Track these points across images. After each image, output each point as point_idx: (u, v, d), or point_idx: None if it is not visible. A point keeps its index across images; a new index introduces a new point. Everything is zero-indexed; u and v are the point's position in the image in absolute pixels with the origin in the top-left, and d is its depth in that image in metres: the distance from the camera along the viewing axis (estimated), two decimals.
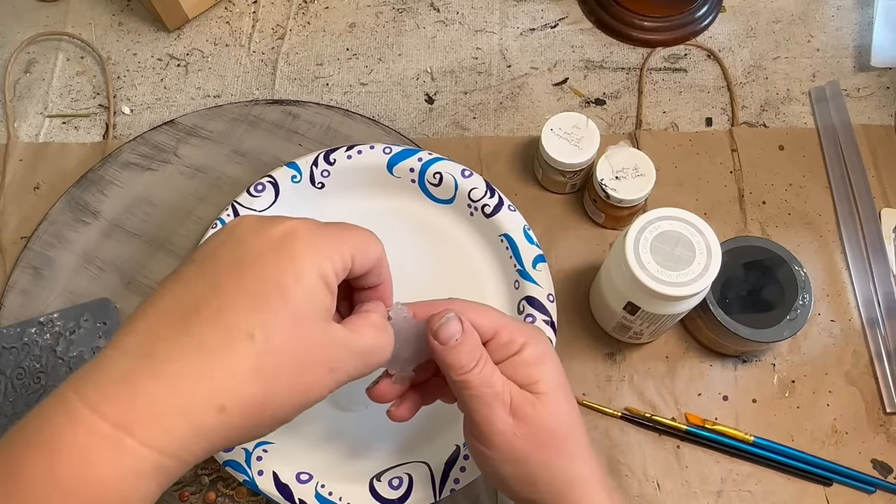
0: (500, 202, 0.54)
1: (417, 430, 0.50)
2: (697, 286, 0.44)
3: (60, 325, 0.54)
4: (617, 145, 0.53)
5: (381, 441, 0.49)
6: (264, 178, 0.54)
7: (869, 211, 0.57)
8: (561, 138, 0.54)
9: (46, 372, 0.52)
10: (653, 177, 0.52)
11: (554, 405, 0.36)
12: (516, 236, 0.53)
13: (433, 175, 0.55)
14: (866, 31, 0.66)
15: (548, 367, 0.37)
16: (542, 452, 0.36)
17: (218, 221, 0.53)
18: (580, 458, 0.37)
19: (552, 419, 0.36)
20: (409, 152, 0.55)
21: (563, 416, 0.37)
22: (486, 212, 0.54)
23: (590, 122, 0.54)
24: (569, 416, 0.37)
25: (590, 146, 0.54)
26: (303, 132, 0.61)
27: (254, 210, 0.54)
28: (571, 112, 0.55)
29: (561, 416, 0.36)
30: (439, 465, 0.48)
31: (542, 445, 0.36)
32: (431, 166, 0.55)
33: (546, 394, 0.36)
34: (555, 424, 0.36)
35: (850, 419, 0.52)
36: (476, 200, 0.54)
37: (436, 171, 0.54)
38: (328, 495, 0.47)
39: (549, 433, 0.36)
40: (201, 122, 0.61)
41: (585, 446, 0.38)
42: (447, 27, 0.67)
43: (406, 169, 0.55)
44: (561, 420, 0.36)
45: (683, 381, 0.54)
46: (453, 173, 0.54)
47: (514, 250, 0.52)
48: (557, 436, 0.36)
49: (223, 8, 0.68)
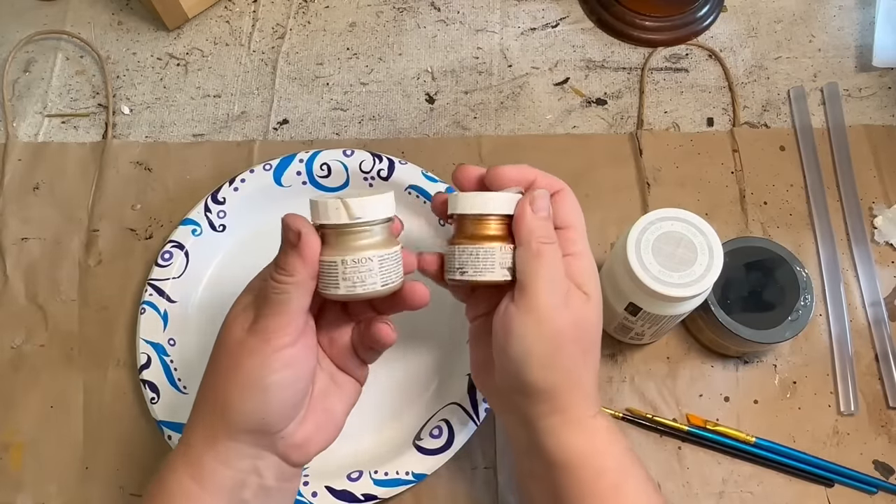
0: (392, 162, 0.56)
1: (425, 383, 0.53)
2: (699, 287, 0.44)
3: None
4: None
5: (406, 409, 0.52)
6: (168, 245, 0.55)
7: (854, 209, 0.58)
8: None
9: None
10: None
11: (595, 311, 0.40)
12: (419, 181, 0.56)
13: (320, 168, 0.57)
14: (868, 30, 0.65)
15: (595, 279, 0.40)
16: (574, 344, 0.38)
17: (144, 305, 0.53)
18: (594, 369, 0.41)
19: (593, 320, 0.40)
20: (287, 160, 0.57)
21: (598, 325, 0.40)
22: (382, 175, 0.56)
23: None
24: (599, 328, 0.40)
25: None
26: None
27: (170, 279, 0.54)
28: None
29: (597, 324, 0.40)
30: (463, 397, 0.51)
31: (578, 338, 0.39)
32: (315, 161, 0.57)
33: (593, 298, 0.39)
34: (592, 327, 0.40)
35: (852, 420, 0.52)
36: (368, 171, 0.57)
37: (321, 164, 0.57)
38: (387, 476, 0.49)
39: (585, 330, 0.39)
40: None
41: (597, 364, 0.41)
42: (448, 27, 0.67)
43: (293, 174, 0.57)
44: (596, 326, 0.40)
45: (685, 382, 0.53)
46: (336, 158, 0.57)
47: (423, 195, 0.56)
48: (589, 336, 0.40)
49: (223, 7, 0.68)
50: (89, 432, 0.53)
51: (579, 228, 0.41)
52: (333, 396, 0.41)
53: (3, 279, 0.57)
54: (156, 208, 0.59)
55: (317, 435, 0.40)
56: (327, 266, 0.37)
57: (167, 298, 0.54)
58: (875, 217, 0.58)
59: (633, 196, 0.59)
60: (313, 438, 0.40)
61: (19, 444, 0.53)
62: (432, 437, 0.50)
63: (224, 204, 0.56)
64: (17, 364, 0.55)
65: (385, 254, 0.38)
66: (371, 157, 0.57)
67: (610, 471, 0.39)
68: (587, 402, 0.40)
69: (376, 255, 0.37)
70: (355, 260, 0.37)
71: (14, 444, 0.53)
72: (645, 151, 0.60)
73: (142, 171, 0.61)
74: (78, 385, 0.54)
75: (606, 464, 0.39)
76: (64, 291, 0.57)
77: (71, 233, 0.59)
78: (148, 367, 0.52)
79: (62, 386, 0.54)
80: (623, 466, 0.40)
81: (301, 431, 0.39)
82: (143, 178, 0.61)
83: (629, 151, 0.61)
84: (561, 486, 0.39)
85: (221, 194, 0.56)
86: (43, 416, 0.53)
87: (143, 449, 0.52)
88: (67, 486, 0.52)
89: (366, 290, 0.37)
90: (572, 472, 0.39)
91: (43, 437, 0.53)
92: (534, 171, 0.41)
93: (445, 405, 0.51)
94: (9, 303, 0.57)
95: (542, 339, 0.38)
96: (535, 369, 0.38)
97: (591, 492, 0.39)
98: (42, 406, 0.54)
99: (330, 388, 0.42)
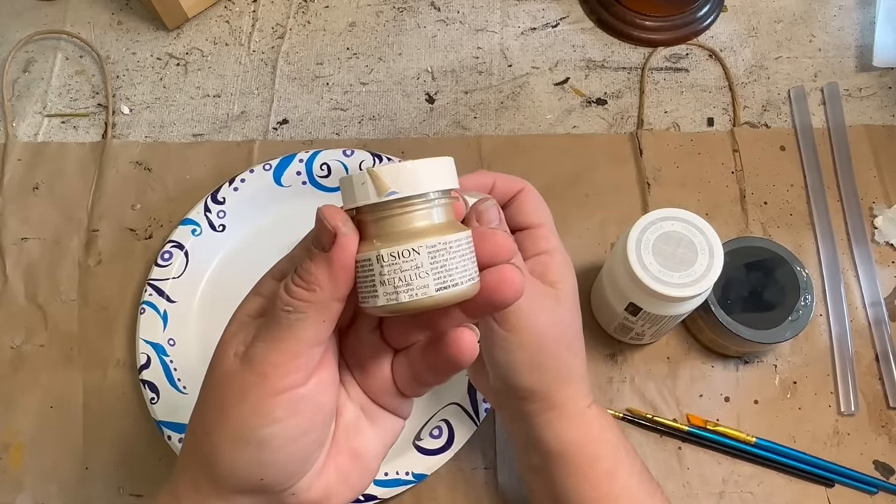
0: (391, 161, 0.56)
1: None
2: (700, 287, 0.44)
3: None
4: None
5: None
6: (167, 245, 0.55)
7: (855, 209, 0.58)
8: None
9: None
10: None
11: (571, 305, 0.39)
12: None
13: (320, 168, 0.57)
14: (868, 30, 0.65)
15: (568, 273, 0.39)
16: (556, 344, 0.38)
17: (144, 305, 0.53)
18: (581, 357, 0.40)
19: (569, 315, 0.39)
20: (287, 160, 0.57)
21: (576, 315, 0.40)
22: None
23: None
24: (578, 319, 0.40)
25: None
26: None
27: (170, 279, 0.54)
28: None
29: (575, 315, 0.40)
30: (463, 397, 0.51)
31: (557, 337, 0.38)
32: (315, 161, 0.57)
33: (564, 293, 0.39)
34: (570, 321, 0.39)
35: (852, 420, 0.52)
36: None
37: (321, 164, 0.57)
38: (386, 476, 0.49)
39: (565, 326, 0.39)
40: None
41: (583, 349, 0.41)
42: (448, 26, 0.67)
43: (293, 174, 0.57)
44: (574, 319, 0.40)
45: (685, 382, 0.53)
46: (336, 158, 0.57)
47: None
48: (570, 331, 0.39)
49: (223, 7, 0.68)
50: (89, 432, 0.53)
51: (548, 224, 0.40)
52: (365, 434, 0.31)
53: (2, 279, 0.57)
54: (156, 208, 0.59)
55: (340, 486, 0.30)
56: (362, 267, 0.27)
57: (167, 298, 0.54)
58: (875, 217, 0.58)
59: (634, 196, 0.59)
60: (336, 490, 0.30)
61: (19, 444, 0.53)
62: (432, 437, 0.50)
63: (224, 204, 0.56)
64: (16, 364, 0.55)
65: (439, 242, 0.26)
66: (371, 157, 0.57)
67: (604, 458, 0.40)
68: (580, 392, 0.40)
69: (424, 244, 0.26)
70: (393, 254, 0.26)
71: (14, 444, 0.53)
72: (645, 151, 0.60)
73: (141, 171, 0.61)
74: (78, 385, 0.54)
75: (601, 451, 0.40)
76: (64, 291, 0.57)
77: (71, 233, 0.59)
78: (148, 368, 0.52)
79: (62, 386, 0.54)
80: (617, 453, 0.41)
81: (319, 484, 0.30)
82: (143, 178, 0.61)
83: (629, 151, 0.61)
84: (558, 475, 0.40)
85: (221, 194, 0.56)
86: (43, 416, 0.53)
87: (142, 449, 0.52)
88: (67, 486, 0.52)
89: (413, 297, 0.26)
90: (568, 460, 0.40)
91: (43, 437, 0.53)
92: (491, 175, 0.39)
93: (445, 405, 0.51)
94: (8, 303, 0.57)
95: (523, 347, 0.37)
96: (524, 374, 0.38)
97: (585, 478, 0.40)
98: (42, 406, 0.54)
99: (361, 425, 0.31)
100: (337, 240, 0.26)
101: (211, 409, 0.29)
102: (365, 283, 0.27)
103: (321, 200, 0.54)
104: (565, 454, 0.40)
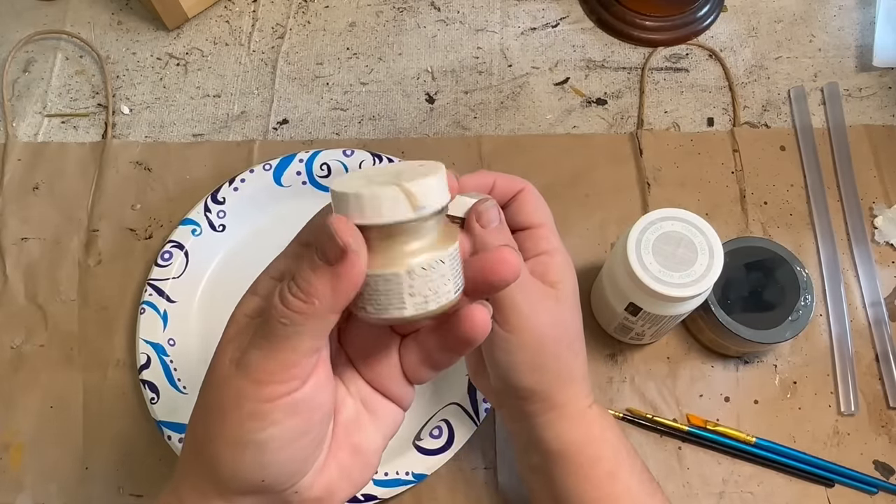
0: (392, 163, 0.55)
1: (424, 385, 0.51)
2: (700, 287, 0.44)
3: None
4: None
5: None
6: (167, 245, 0.55)
7: (855, 209, 0.58)
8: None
9: None
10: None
11: (572, 305, 0.39)
12: None
13: (320, 168, 0.57)
14: (868, 30, 0.65)
15: (569, 273, 0.39)
16: (557, 344, 0.38)
17: (144, 305, 0.53)
18: (582, 357, 0.40)
19: (570, 316, 0.39)
20: (287, 160, 0.57)
21: (577, 316, 0.40)
22: None
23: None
24: (579, 319, 0.40)
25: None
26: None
27: (170, 279, 0.54)
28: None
29: (576, 315, 0.40)
30: (463, 397, 0.51)
31: (558, 337, 0.38)
32: (315, 161, 0.57)
33: (565, 293, 0.38)
34: (570, 321, 0.39)
35: (852, 420, 0.52)
36: None
37: (321, 164, 0.57)
38: (386, 476, 0.49)
39: (565, 327, 0.39)
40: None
41: (584, 350, 0.41)
42: (448, 26, 0.67)
43: (293, 174, 0.57)
44: (575, 319, 0.40)
45: (685, 382, 0.53)
46: (336, 158, 0.57)
47: None
48: (570, 332, 0.39)
49: (223, 7, 0.68)
50: (89, 432, 0.53)
51: (549, 224, 0.39)
52: (366, 429, 0.32)
53: (2, 279, 0.57)
54: (155, 208, 0.59)
55: (342, 482, 0.31)
56: (382, 282, 0.27)
57: (167, 298, 0.54)
58: (875, 217, 0.58)
59: (634, 196, 0.59)
60: (338, 486, 0.31)
61: (19, 444, 0.53)
62: (432, 437, 0.50)
63: (224, 204, 0.56)
64: (16, 364, 0.55)
65: (453, 248, 0.28)
66: (371, 157, 0.57)
67: (605, 459, 0.40)
68: (581, 392, 0.40)
69: (447, 253, 0.27)
70: (424, 267, 0.26)
71: (14, 444, 0.53)
72: (645, 151, 0.60)
73: (141, 171, 0.61)
74: (78, 385, 0.54)
75: (601, 452, 0.40)
76: (64, 291, 0.57)
77: (71, 233, 0.59)
78: (148, 368, 0.52)
79: (62, 386, 0.54)
80: (618, 454, 0.41)
81: (321, 481, 0.30)
82: (143, 178, 0.61)
83: (629, 151, 0.61)
84: (558, 475, 0.40)
85: (221, 194, 0.56)
86: (43, 416, 0.53)
87: (142, 449, 0.52)
88: (67, 486, 0.52)
89: (440, 303, 0.27)
90: (569, 460, 0.40)
91: (43, 437, 0.53)
92: (492, 174, 0.39)
93: (445, 405, 0.51)
94: (8, 303, 0.57)
95: (524, 348, 0.37)
96: (525, 375, 0.38)
97: (586, 478, 0.40)
98: (42, 406, 0.54)
99: (361, 418, 0.32)
100: (347, 256, 0.26)
101: (210, 412, 0.29)
102: (378, 295, 0.27)
103: (321, 200, 0.54)
104: (566, 454, 0.40)
